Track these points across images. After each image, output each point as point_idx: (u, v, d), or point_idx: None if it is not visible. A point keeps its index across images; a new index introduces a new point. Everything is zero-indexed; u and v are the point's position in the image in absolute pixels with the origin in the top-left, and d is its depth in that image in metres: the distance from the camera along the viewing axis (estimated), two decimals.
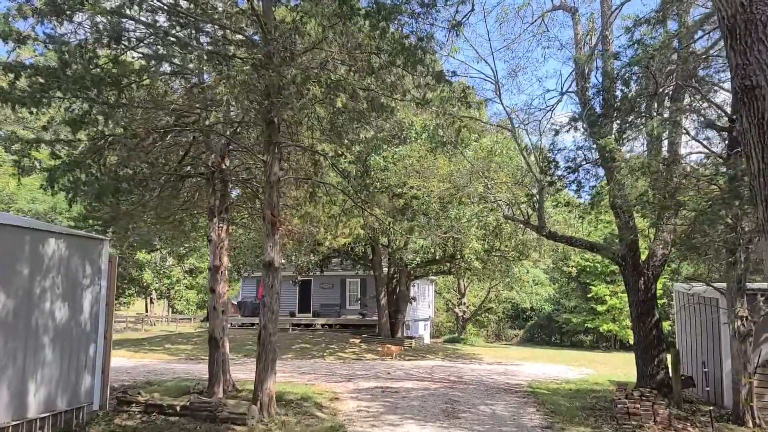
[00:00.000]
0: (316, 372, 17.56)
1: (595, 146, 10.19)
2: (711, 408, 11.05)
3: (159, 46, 8.32)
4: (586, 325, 40.44)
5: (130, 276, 39.89)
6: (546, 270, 43.55)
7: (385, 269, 27.97)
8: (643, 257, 13.45)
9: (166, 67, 11.04)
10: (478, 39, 45.10)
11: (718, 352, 13.01)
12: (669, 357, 13.21)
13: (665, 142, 12.19)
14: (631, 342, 38.26)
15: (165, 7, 8.85)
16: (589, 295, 39.66)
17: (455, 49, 13.46)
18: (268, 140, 10.24)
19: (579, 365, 23.69)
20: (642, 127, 8.91)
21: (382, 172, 19.30)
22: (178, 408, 9.84)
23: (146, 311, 56.30)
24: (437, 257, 26.52)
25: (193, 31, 9.65)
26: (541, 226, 14.81)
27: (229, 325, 32.13)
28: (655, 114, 9.44)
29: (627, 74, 10.67)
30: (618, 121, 10.46)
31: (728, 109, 10.35)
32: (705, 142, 11.28)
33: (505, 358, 25.68)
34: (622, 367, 23.69)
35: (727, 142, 10.10)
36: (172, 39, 8.33)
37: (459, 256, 23.58)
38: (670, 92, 10.86)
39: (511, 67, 15.87)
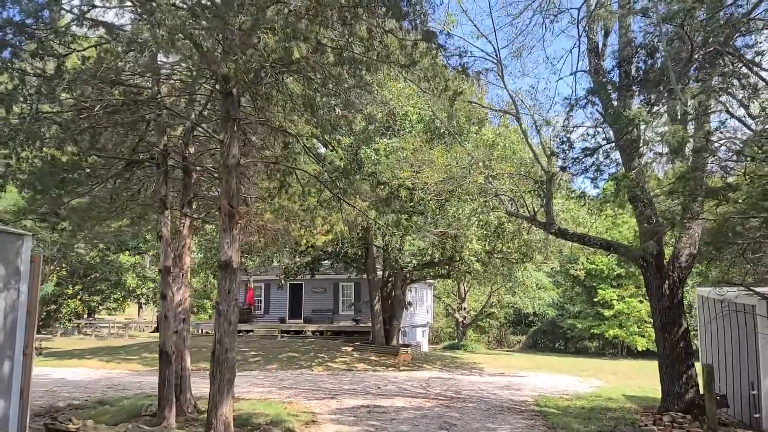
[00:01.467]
0: (299, 386, 15.83)
1: (615, 123, 8.47)
2: None
3: None
4: (591, 330, 38.68)
5: (117, 279, 38.13)
6: (549, 273, 41.84)
7: (380, 272, 26.25)
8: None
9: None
10: (480, 15, 42.89)
11: (754, 366, 11.30)
12: (696, 372, 11.50)
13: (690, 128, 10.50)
14: (639, 348, 36.92)
15: None
16: (595, 300, 37.90)
17: (452, 21, 11.80)
18: (226, 116, 8.56)
19: (587, 376, 21.94)
20: (678, 97, 7.25)
21: (374, 166, 17.64)
22: None
23: (138, 316, 54.55)
24: (435, 260, 24.80)
25: None
26: (549, 223, 13.10)
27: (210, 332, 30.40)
28: (691, 83, 7.76)
29: (653, 40, 8.97)
30: (643, 95, 8.79)
31: None
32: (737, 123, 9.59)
33: (507, 368, 23.92)
34: (634, 377, 21.94)
35: None
36: None
37: (458, 258, 21.85)
38: (701, 61, 9.15)
39: (515, 45, 14.08)
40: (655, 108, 8.52)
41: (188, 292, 11.44)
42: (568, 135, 9.50)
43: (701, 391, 11.14)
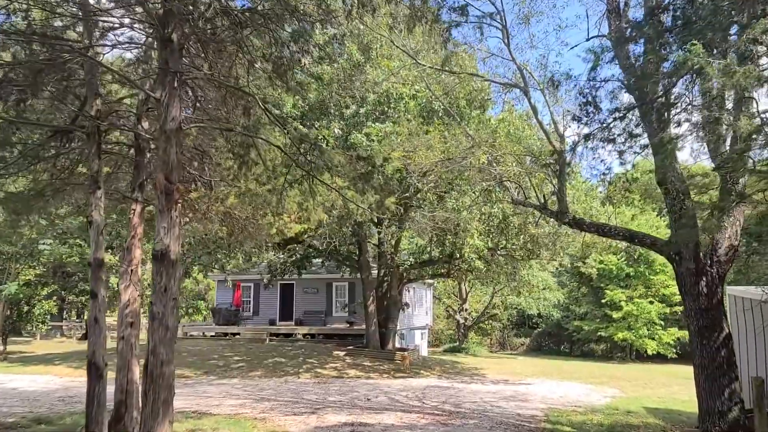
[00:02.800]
0: (279, 397, 14.07)
1: (657, 70, 6.69)
2: None
3: None
4: (599, 333, 36.79)
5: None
6: (554, 273, 40.00)
7: (375, 271, 24.47)
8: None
9: None
10: None
11: None
12: (740, 386, 9.74)
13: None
14: (649, 352, 34.97)
15: None
16: (602, 301, 36.03)
17: None
18: (164, 68, 6.84)
19: (599, 383, 20.16)
20: (752, 33, 5.54)
21: (365, 152, 15.90)
22: None
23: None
24: (433, 257, 23.03)
25: None
26: (562, 212, 11.38)
27: (202, 333, 28.70)
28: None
29: None
30: (684, 46, 7.04)
31: None
32: None
33: (511, 375, 22.15)
34: (651, 385, 20.16)
35: None
36: None
37: (458, 256, 20.07)
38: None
39: (524, 10, 12.34)
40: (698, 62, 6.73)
41: (138, 291, 9.69)
42: (595, 92, 7.72)
43: (746, 408, 9.42)
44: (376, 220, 20.63)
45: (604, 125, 7.48)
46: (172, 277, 6.69)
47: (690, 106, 7.63)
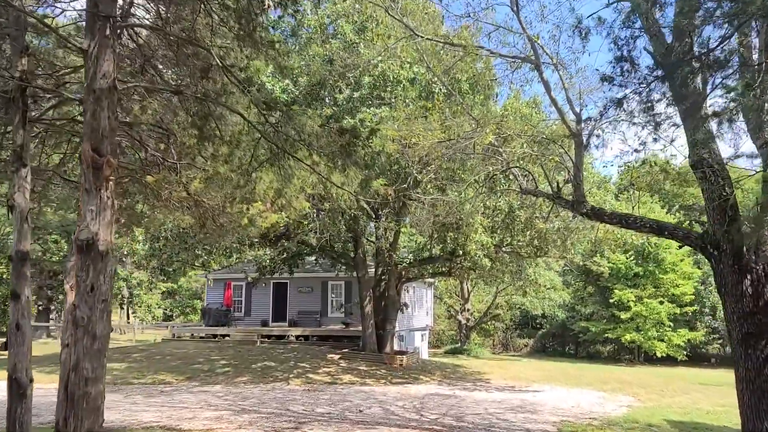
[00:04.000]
0: (262, 408, 12.70)
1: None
2: None
3: None
4: (606, 334, 35.39)
5: None
6: (559, 273, 38.57)
7: (372, 270, 23.10)
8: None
9: None
10: None
11: None
12: None
13: None
14: (658, 354, 33.54)
15: None
16: (610, 301, 34.63)
17: None
18: (93, 12, 5.47)
19: (611, 390, 18.78)
20: None
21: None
22: None
23: (128, 319, 51.88)
24: (433, 255, 21.64)
25: None
26: (578, 201, 10.02)
27: (191, 335, 27.32)
28: None
29: None
30: None
31: None
32: None
33: (517, 379, 20.77)
34: (668, 393, 18.76)
35: None
36: None
37: (461, 253, 18.67)
38: None
39: None
40: None
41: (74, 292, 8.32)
42: (633, 43, 6.20)
43: None
44: (372, 215, 19.29)
45: (643, 85, 6.06)
46: (101, 273, 5.34)
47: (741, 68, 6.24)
